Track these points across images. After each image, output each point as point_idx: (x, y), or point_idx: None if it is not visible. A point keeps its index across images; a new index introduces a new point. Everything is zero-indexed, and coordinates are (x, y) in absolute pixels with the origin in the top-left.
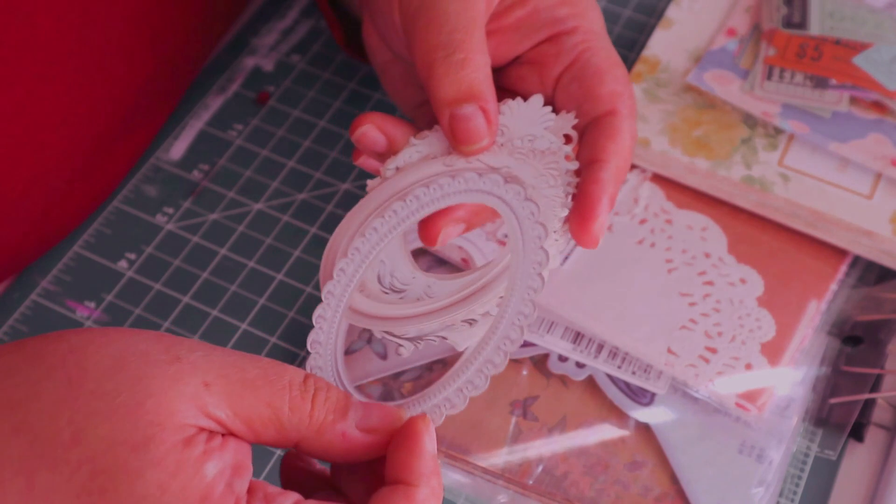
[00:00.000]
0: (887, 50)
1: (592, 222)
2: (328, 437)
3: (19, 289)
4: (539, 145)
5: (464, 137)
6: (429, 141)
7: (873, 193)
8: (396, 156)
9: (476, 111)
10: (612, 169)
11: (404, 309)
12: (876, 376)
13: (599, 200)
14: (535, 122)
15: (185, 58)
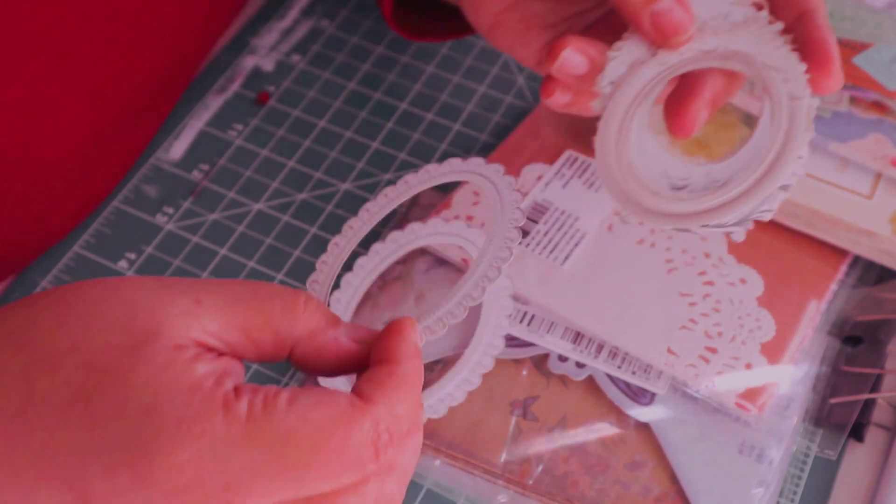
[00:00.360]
0: (887, 50)
1: (832, 64)
2: (320, 340)
3: (19, 289)
4: (735, 19)
5: (671, 30)
6: (626, 49)
7: (873, 193)
8: (604, 72)
9: (673, 3)
10: (823, 14)
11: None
12: (876, 376)
13: (828, 43)
14: (721, 1)
15: (183, 56)
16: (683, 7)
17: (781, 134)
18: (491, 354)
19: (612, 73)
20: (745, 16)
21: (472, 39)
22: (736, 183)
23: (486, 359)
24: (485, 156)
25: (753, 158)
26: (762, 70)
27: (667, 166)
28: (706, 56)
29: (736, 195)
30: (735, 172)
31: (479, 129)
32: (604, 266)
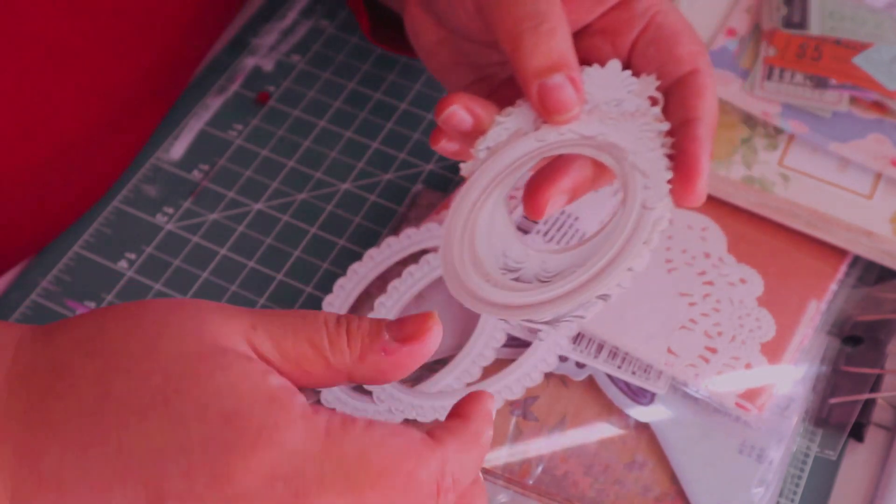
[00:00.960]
0: (887, 50)
1: (697, 181)
2: (372, 358)
3: (19, 289)
4: (627, 108)
5: (555, 107)
6: (515, 116)
7: (873, 193)
8: (485, 135)
9: (565, 80)
10: (706, 126)
11: (539, 295)
12: (876, 376)
13: (701, 158)
14: (618, 87)
15: (181, 54)
16: (574, 86)
17: (621, 241)
18: (480, 364)
19: (491, 138)
20: (636, 107)
21: None
22: (561, 281)
23: (474, 368)
24: None
25: (589, 258)
26: (628, 170)
27: (508, 246)
28: (583, 142)
29: (552, 297)
30: (568, 267)
31: None
32: None
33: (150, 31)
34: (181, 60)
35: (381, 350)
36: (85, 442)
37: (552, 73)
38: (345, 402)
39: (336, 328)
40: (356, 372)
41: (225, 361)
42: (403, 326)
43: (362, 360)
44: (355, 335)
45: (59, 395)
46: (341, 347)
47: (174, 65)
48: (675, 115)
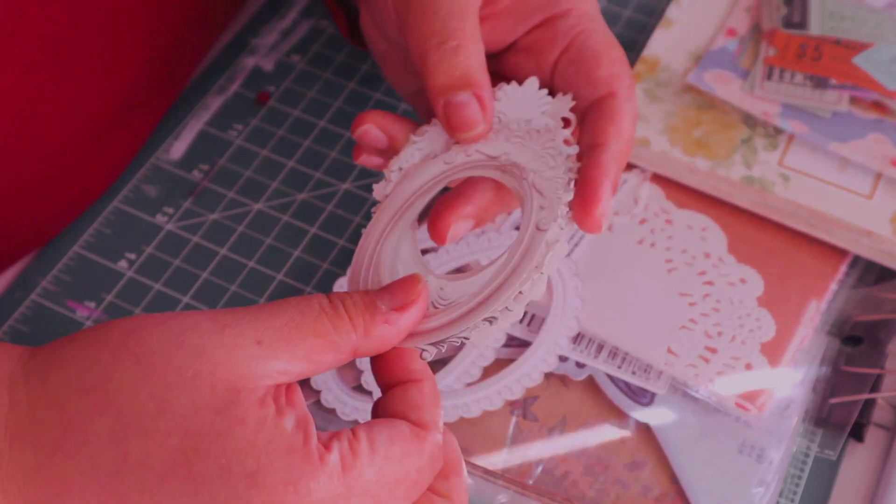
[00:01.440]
0: (887, 50)
1: (595, 207)
2: (376, 332)
3: (19, 289)
4: (536, 126)
5: (459, 125)
6: (429, 136)
7: (873, 193)
8: (398, 156)
9: (470, 98)
10: (613, 152)
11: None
12: (876, 376)
13: (601, 184)
14: (532, 106)
15: (180, 52)
16: (480, 104)
17: (512, 263)
18: (480, 364)
19: (404, 159)
20: (545, 126)
21: None
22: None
23: (474, 369)
24: None
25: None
26: (527, 189)
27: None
28: (489, 162)
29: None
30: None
31: None
32: (604, 267)
33: (150, 31)
34: (181, 60)
35: (384, 322)
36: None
37: (457, 90)
38: (345, 401)
39: (334, 311)
40: (362, 347)
41: (239, 414)
42: (395, 294)
43: (367, 334)
44: (354, 313)
45: (70, 455)
46: (346, 329)
47: (174, 64)
48: (585, 138)
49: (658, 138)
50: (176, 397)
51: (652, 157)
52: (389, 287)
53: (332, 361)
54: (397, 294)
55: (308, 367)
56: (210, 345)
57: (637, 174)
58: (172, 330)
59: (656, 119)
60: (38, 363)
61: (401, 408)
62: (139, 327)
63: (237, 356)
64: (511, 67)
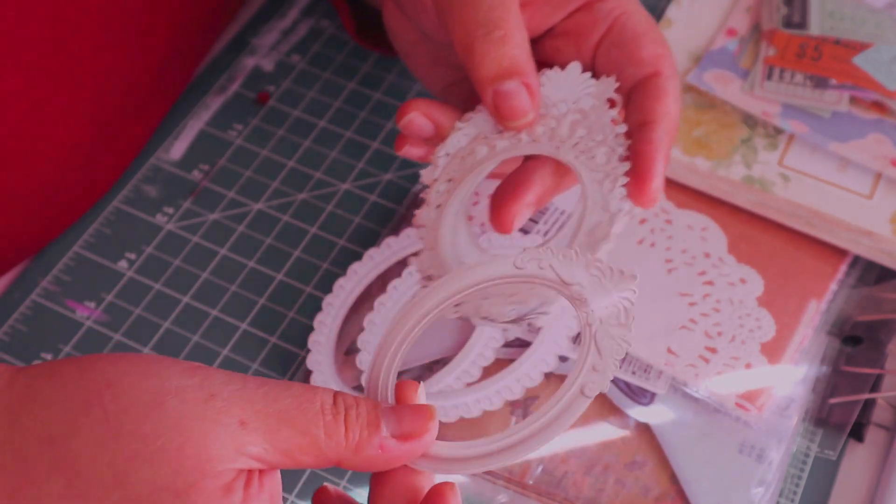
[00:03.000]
0: (887, 50)
1: (650, 182)
2: (366, 453)
3: (19, 289)
4: (583, 105)
5: (509, 114)
6: (474, 122)
7: (873, 193)
8: (445, 142)
9: (519, 87)
10: (663, 129)
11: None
12: (876, 376)
13: (655, 160)
14: (576, 90)
15: (181, 54)
16: (529, 92)
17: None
18: (480, 364)
19: (451, 144)
20: (591, 106)
21: None
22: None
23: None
24: None
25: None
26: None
27: (464, 251)
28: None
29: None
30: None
31: None
32: None
33: (150, 32)
34: (181, 60)
35: (378, 447)
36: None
37: (505, 79)
38: None
39: (334, 417)
40: (347, 461)
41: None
42: (402, 421)
43: (357, 452)
44: (353, 426)
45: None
46: (337, 439)
47: (174, 65)
48: (633, 117)
49: None
50: (135, 471)
51: None
52: (401, 410)
53: (312, 463)
54: (405, 421)
55: (285, 461)
56: (188, 415)
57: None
58: (153, 390)
59: None
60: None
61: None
62: (120, 376)
63: (214, 434)
64: (550, 52)
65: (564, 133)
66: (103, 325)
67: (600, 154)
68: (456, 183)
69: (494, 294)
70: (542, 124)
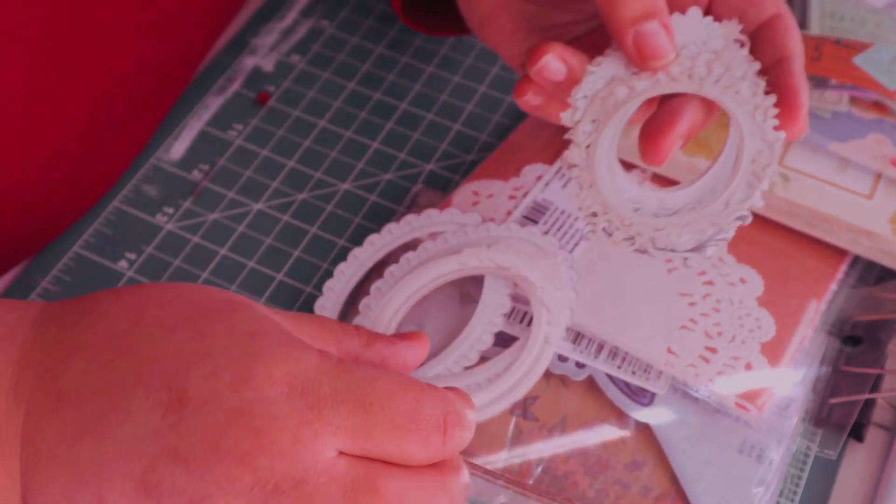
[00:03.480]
0: (887, 50)
1: (800, 110)
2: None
3: (19, 289)
4: (715, 46)
5: (651, 53)
6: (606, 65)
7: (873, 193)
8: (580, 84)
9: (658, 27)
10: (799, 62)
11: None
12: (876, 376)
13: (800, 89)
14: (701, 33)
15: (181, 53)
16: (668, 32)
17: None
18: (478, 349)
19: (587, 87)
20: (723, 47)
21: (473, 39)
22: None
23: (472, 352)
24: (485, 155)
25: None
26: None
27: (623, 187)
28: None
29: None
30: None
31: (479, 129)
32: (604, 266)
33: (150, 31)
34: (181, 60)
35: (385, 340)
36: (112, 357)
37: (645, 20)
38: None
39: (343, 325)
40: (364, 356)
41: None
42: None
43: (369, 346)
44: (361, 328)
45: (90, 324)
46: (351, 333)
47: (175, 65)
48: (766, 55)
49: None
50: (194, 292)
51: None
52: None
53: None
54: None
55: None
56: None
57: (637, 174)
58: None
59: None
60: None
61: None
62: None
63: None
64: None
65: (703, 71)
66: None
67: (745, 88)
68: (600, 123)
69: (668, 224)
70: (677, 64)
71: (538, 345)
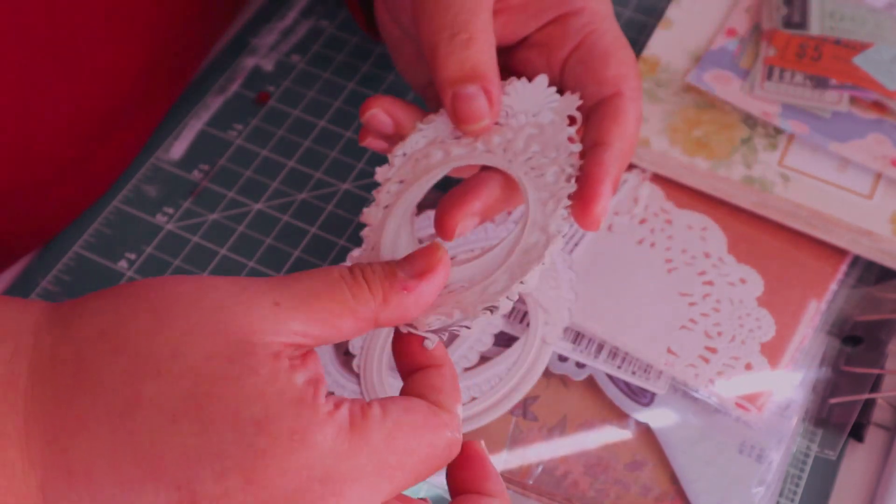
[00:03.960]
0: (887, 50)
1: (595, 204)
2: (395, 299)
3: (19, 289)
4: (541, 121)
5: (465, 117)
6: (434, 126)
7: (873, 193)
8: (404, 141)
9: (478, 91)
10: (615, 151)
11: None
12: (876, 376)
13: (601, 183)
14: (540, 103)
15: (181, 53)
16: (488, 98)
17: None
18: (478, 349)
19: (409, 145)
20: (550, 122)
21: None
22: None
23: (472, 353)
24: None
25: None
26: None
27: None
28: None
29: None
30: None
31: None
32: (604, 266)
33: (150, 31)
34: (181, 60)
35: (402, 289)
36: (115, 441)
37: (465, 83)
38: (343, 385)
39: (353, 280)
40: (382, 315)
41: (253, 363)
42: (414, 263)
43: (386, 302)
44: (373, 281)
45: (87, 391)
46: (365, 297)
47: (174, 64)
48: (589, 136)
49: (658, 138)
50: (190, 344)
51: (652, 156)
52: (410, 255)
53: (352, 328)
54: (417, 261)
55: (327, 331)
56: (228, 301)
57: (637, 174)
58: (192, 287)
59: (656, 119)
60: (64, 311)
61: (419, 389)
62: (161, 284)
63: (254, 314)
64: (521, 62)
65: (520, 146)
66: None
67: (550, 173)
68: (407, 185)
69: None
70: (499, 134)
71: (536, 345)
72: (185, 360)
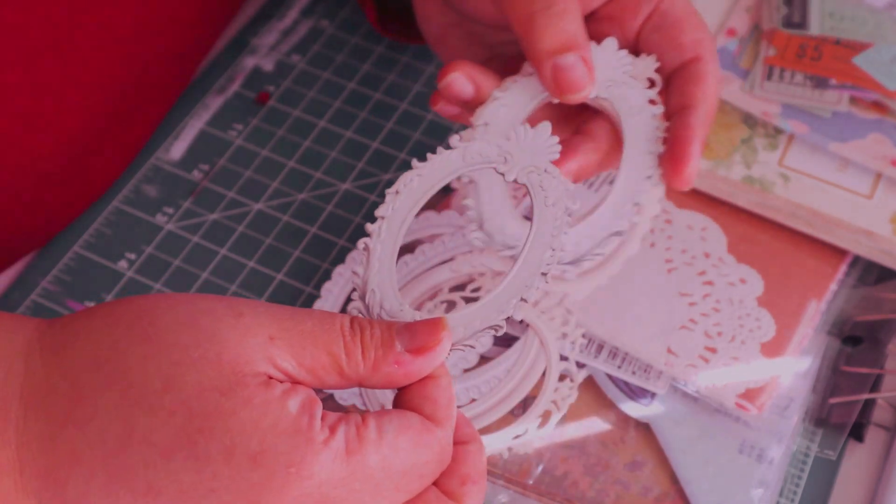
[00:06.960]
0: (887, 50)
1: (685, 165)
2: (385, 369)
3: (19, 289)
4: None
5: (567, 86)
6: (512, 92)
7: (873, 193)
8: (484, 108)
9: (577, 60)
10: (701, 114)
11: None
12: (876, 376)
13: (691, 144)
14: (615, 67)
15: (182, 53)
16: (587, 66)
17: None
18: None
19: (489, 113)
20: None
21: None
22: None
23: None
24: None
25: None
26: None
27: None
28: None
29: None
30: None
31: None
32: None
33: (151, 31)
34: (181, 60)
35: (394, 363)
36: (110, 476)
37: (564, 52)
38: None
39: (352, 337)
40: (368, 381)
41: (245, 395)
42: (415, 335)
43: (375, 370)
44: (369, 346)
45: (80, 426)
46: (356, 358)
47: (174, 65)
48: (673, 100)
49: None
50: (181, 375)
51: None
52: (412, 326)
53: (335, 384)
54: (418, 335)
55: (311, 380)
56: (222, 329)
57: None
58: (186, 311)
59: None
60: (55, 333)
61: (415, 401)
62: (153, 306)
63: (247, 343)
64: (592, 35)
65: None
66: None
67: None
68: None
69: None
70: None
71: (536, 345)
72: (178, 395)
